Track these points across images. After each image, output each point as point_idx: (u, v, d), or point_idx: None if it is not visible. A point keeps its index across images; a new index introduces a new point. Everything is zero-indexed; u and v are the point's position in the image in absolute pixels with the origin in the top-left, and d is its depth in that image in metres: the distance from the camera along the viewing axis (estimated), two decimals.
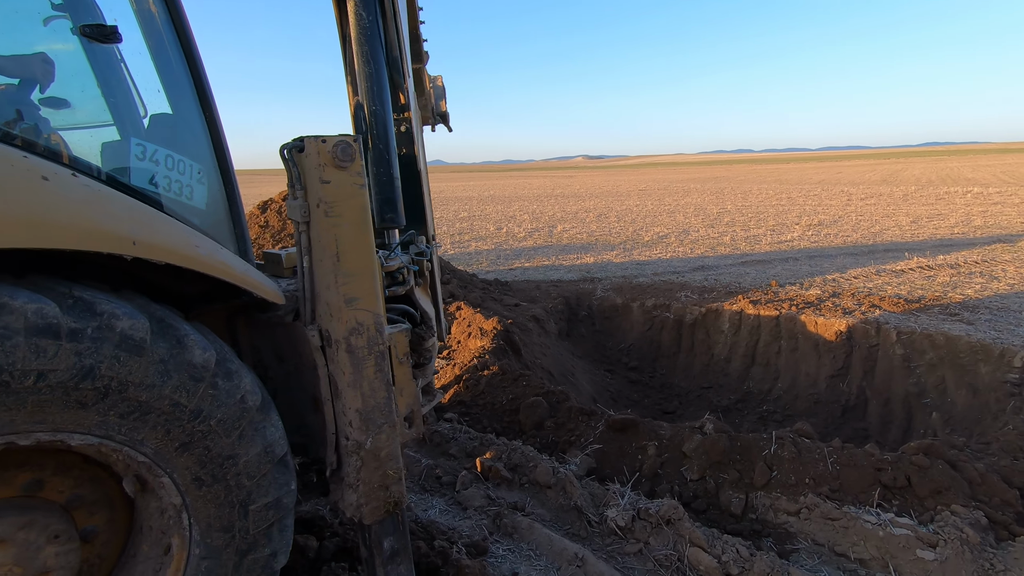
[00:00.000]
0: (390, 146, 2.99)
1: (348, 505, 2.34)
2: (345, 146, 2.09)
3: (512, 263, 12.87)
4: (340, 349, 2.20)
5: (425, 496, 3.74)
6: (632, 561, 2.99)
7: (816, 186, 34.79)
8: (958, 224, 15.57)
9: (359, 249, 2.21)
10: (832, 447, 3.42)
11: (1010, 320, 6.81)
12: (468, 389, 4.93)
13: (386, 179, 3.05)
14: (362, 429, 2.28)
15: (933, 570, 2.70)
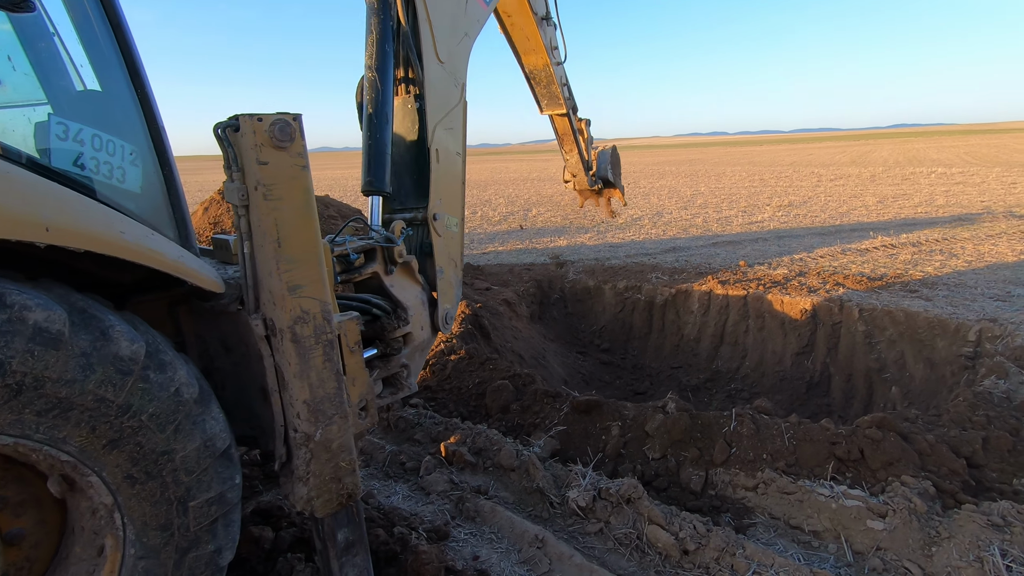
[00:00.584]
0: (383, 114, 3.07)
1: (298, 499, 2.30)
2: (283, 125, 2.00)
3: (486, 247, 12.79)
4: (285, 338, 2.13)
5: (389, 482, 3.71)
6: (593, 540, 3.02)
7: (788, 168, 35.28)
8: (921, 204, 15.96)
9: (302, 234, 2.13)
10: (789, 423, 3.48)
11: (966, 296, 7.02)
12: (435, 374, 4.90)
13: (372, 144, 3.04)
14: (311, 421, 2.23)
15: (882, 539, 2.77)
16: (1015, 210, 13.80)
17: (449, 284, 3.43)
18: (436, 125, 3.29)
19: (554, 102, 6.21)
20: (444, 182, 3.35)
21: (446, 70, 3.37)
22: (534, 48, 5.48)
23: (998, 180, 21.04)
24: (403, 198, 3.53)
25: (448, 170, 3.38)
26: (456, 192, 3.50)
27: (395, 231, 3.10)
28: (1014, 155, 35.97)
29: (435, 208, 3.30)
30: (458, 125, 3.48)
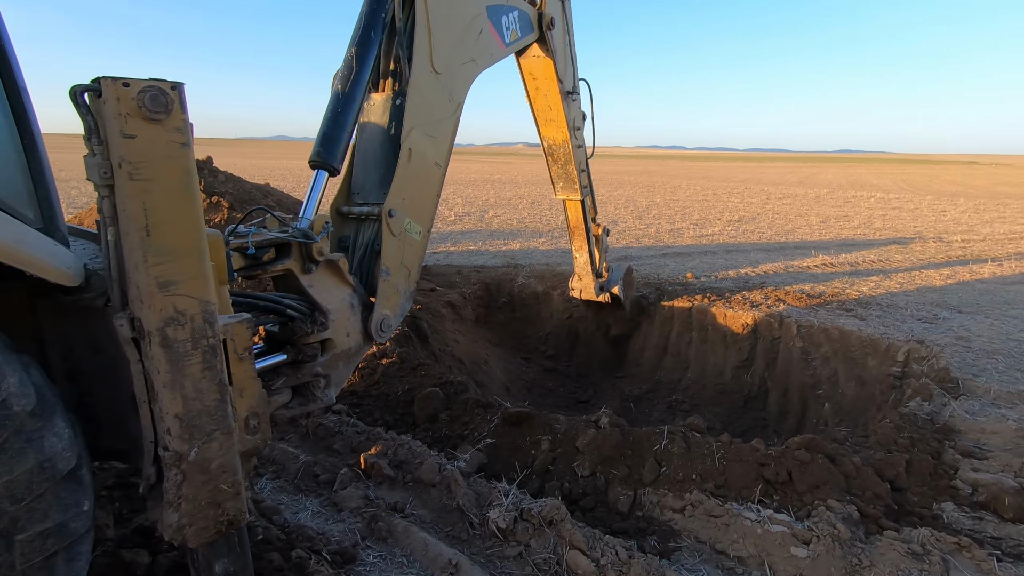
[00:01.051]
0: (352, 94, 2.97)
1: (168, 527, 2.00)
2: (156, 94, 1.72)
3: (437, 247, 12.49)
4: (153, 342, 1.84)
5: (299, 497, 3.41)
6: (511, 565, 2.82)
7: (740, 184, 36.43)
8: (860, 226, 16.67)
9: (179, 222, 1.85)
10: (720, 442, 3.40)
11: (897, 316, 7.25)
12: (363, 379, 4.61)
13: (332, 118, 2.93)
14: (183, 438, 1.94)
15: (805, 567, 2.70)
16: (944, 236, 14.58)
17: (394, 290, 3.19)
18: (415, 127, 3.18)
19: (569, 185, 5.90)
20: (413, 185, 3.21)
21: (440, 82, 3.33)
22: (554, 119, 5.35)
23: (930, 207, 22.30)
24: (367, 192, 3.33)
25: (420, 175, 3.25)
26: (426, 200, 3.35)
27: (315, 227, 2.83)
28: (944, 185, 38.39)
29: (393, 204, 3.11)
30: (444, 138, 3.40)
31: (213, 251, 2.10)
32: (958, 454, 3.74)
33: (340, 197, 3.34)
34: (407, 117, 3.13)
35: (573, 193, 5.89)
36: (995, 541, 3.00)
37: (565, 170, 5.70)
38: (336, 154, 2.99)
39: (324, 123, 2.97)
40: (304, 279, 2.79)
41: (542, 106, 5.22)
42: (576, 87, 5.40)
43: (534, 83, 5.09)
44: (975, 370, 5.34)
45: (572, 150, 5.50)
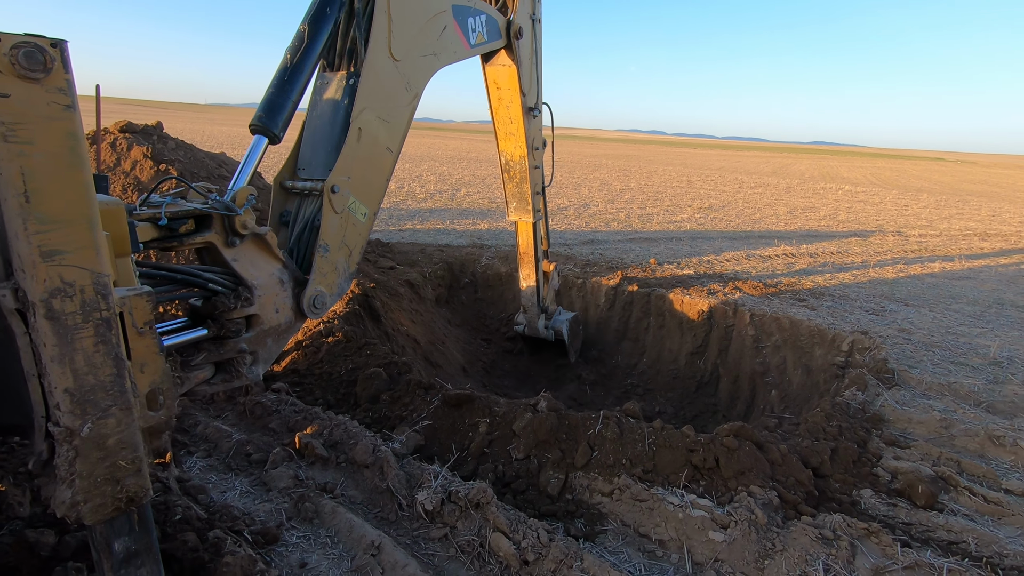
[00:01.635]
0: (300, 66, 2.91)
1: (61, 503, 1.92)
2: (32, 51, 1.60)
3: (404, 224, 12.32)
4: (38, 315, 1.75)
5: (228, 476, 3.35)
6: (435, 547, 2.83)
7: (715, 172, 36.76)
8: (826, 217, 17.01)
9: (64, 189, 1.73)
10: (653, 427, 3.45)
11: (846, 308, 7.44)
12: (306, 357, 4.53)
13: (277, 85, 2.85)
14: (75, 413, 1.86)
15: (721, 551, 2.77)
16: (903, 230, 14.98)
17: (332, 267, 3.13)
18: (367, 108, 3.13)
19: (523, 207, 5.76)
20: (361, 165, 3.15)
21: (399, 70, 3.30)
22: (514, 133, 5.27)
23: (894, 202, 22.86)
24: (313, 168, 3.27)
25: (370, 157, 3.20)
26: (374, 183, 3.28)
27: (237, 199, 2.73)
28: (910, 180, 39.38)
29: (337, 181, 3.05)
30: (398, 124, 3.35)
31: (111, 220, 2.01)
32: (883, 443, 3.87)
33: (285, 171, 3.26)
34: (359, 97, 3.09)
35: (526, 215, 5.81)
36: (906, 527, 3.12)
37: (520, 189, 5.63)
38: (278, 121, 2.91)
39: (268, 90, 2.90)
40: (227, 253, 2.69)
41: (503, 118, 5.17)
42: (539, 106, 5.38)
43: (497, 92, 5.02)
44: (912, 362, 5.52)
45: (528, 169, 5.46)
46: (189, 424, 3.84)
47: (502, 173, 5.56)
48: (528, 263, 6.24)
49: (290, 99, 2.93)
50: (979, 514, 3.26)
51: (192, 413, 3.95)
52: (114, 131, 6.70)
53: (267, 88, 2.93)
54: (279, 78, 2.90)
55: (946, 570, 2.61)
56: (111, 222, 1.99)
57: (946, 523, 3.09)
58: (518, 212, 5.81)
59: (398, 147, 3.41)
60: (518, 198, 5.67)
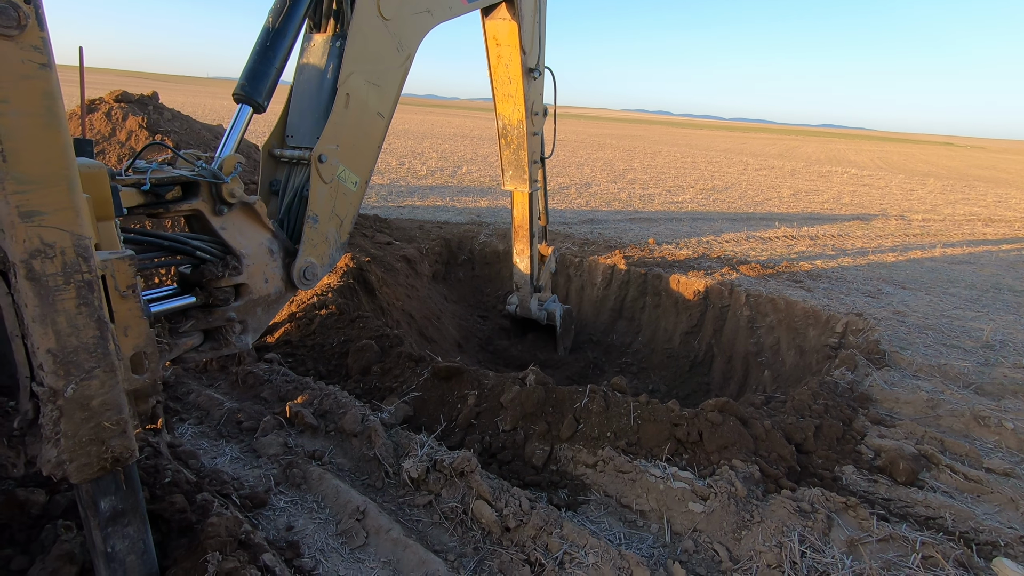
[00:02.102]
0: (283, 30, 2.80)
1: (47, 462, 1.97)
2: (4, 7, 1.57)
3: (403, 200, 12.28)
4: (19, 275, 1.76)
5: (219, 443, 3.41)
6: (419, 513, 2.88)
7: (720, 154, 36.38)
8: (829, 200, 16.87)
9: (42, 149, 1.74)
10: (638, 402, 3.48)
11: (843, 290, 7.43)
12: (299, 328, 4.56)
13: (260, 51, 2.78)
14: (59, 374, 1.89)
15: (699, 521, 2.82)
16: (906, 214, 14.87)
17: (322, 238, 3.11)
18: (354, 71, 3.03)
19: (519, 175, 5.46)
20: (350, 132, 3.08)
21: (388, 29, 3.17)
22: (512, 95, 5.02)
23: (899, 186, 22.65)
24: (301, 136, 3.20)
25: (360, 123, 3.13)
26: (364, 150, 3.22)
27: (225, 166, 2.72)
28: (918, 164, 38.94)
29: (325, 149, 2.99)
30: (389, 87, 3.25)
31: (92, 183, 2.01)
32: (868, 421, 3.90)
33: (273, 139, 3.21)
34: (346, 61, 2.99)
35: (522, 184, 5.53)
36: (885, 502, 3.16)
37: (517, 156, 5.38)
38: (261, 89, 2.85)
39: (251, 57, 2.81)
40: (215, 221, 2.69)
41: (502, 77, 4.95)
42: (540, 67, 5.15)
43: (497, 49, 4.84)
44: (904, 343, 5.53)
45: (526, 135, 5.23)
46: (182, 392, 3.88)
47: (499, 139, 5.35)
48: (523, 237, 5.98)
49: (273, 65, 2.83)
50: (958, 491, 3.30)
51: (185, 382, 4.00)
52: (109, 100, 6.65)
53: (249, 54, 2.86)
54: (261, 43, 2.82)
55: (919, 543, 2.66)
56: (92, 185, 2.00)
57: (924, 499, 3.14)
58: (514, 181, 5.56)
59: (390, 112, 3.32)
60: (515, 166, 5.44)
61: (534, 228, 5.95)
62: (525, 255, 6.11)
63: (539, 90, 5.30)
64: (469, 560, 2.59)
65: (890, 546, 2.67)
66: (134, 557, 2.25)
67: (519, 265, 6.27)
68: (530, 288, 6.33)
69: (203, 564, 2.25)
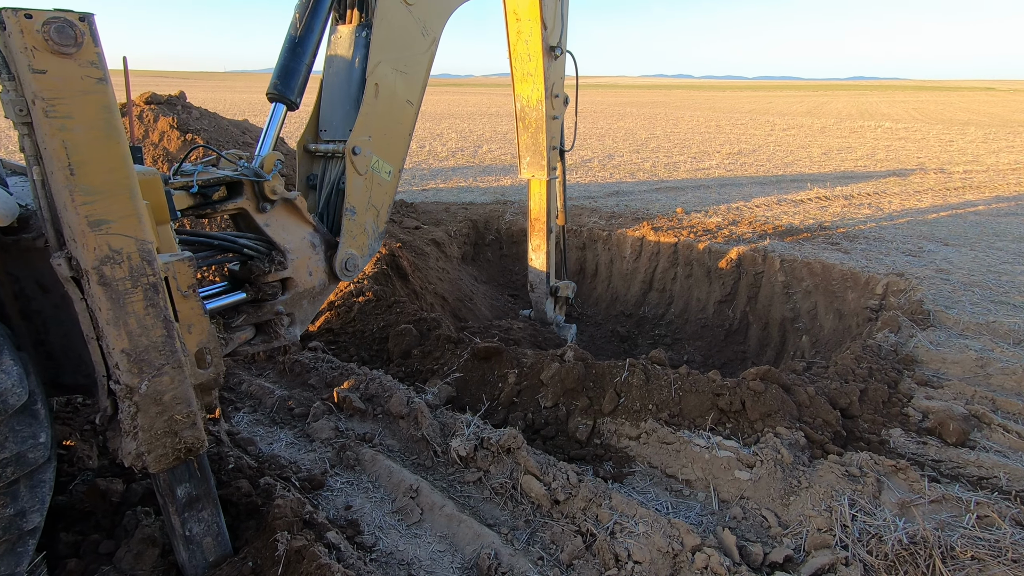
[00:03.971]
0: (309, 23, 2.84)
1: (127, 454, 2.11)
2: (62, 26, 1.66)
3: (426, 183, 12.32)
4: (92, 281, 1.88)
5: (273, 429, 3.57)
6: (470, 489, 2.99)
7: (745, 115, 35.28)
8: (863, 157, 16.28)
9: (104, 160, 1.83)
10: (679, 374, 3.50)
11: (882, 250, 7.23)
12: (339, 316, 4.69)
13: (290, 48, 2.84)
14: (133, 372, 2.01)
15: (746, 488, 2.85)
16: (946, 167, 14.26)
17: (360, 229, 3.19)
18: (381, 60, 3.06)
19: (537, 161, 5.16)
20: (381, 122, 3.12)
21: (412, 14, 3.18)
22: (532, 74, 4.83)
23: (937, 138, 21.66)
24: (334, 129, 3.27)
25: (389, 112, 3.16)
26: (396, 139, 3.26)
27: (265, 165, 2.80)
28: (957, 112, 37.08)
29: (358, 142, 3.05)
30: (416, 73, 3.26)
31: (149, 190, 2.10)
32: (915, 383, 3.85)
33: (307, 134, 3.27)
34: (373, 50, 3.01)
35: (540, 171, 5.22)
36: (935, 464, 3.14)
37: (535, 140, 5.12)
38: (293, 87, 2.91)
39: (281, 55, 2.88)
40: (259, 218, 2.78)
41: (521, 55, 4.79)
42: (562, 46, 4.97)
43: (517, 25, 4.68)
44: (949, 302, 5.38)
45: (546, 118, 5.01)
46: (234, 382, 4.06)
47: (516, 122, 5.18)
48: (539, 232, 5.53)
49: (303, 62, 2.90)
50: (1012, 450, 3.25)
51: (236, 372, 4.17)
52: (139, 103, 6.81)
53: (280, 52, 2.91)
54: (290, 41, 2.86)
55: (974, 503, 2.64)
56: (149, 191, 2.09)
57: (977, 459, 3.10)
58: (532, 167, 5.28)
59: (418, 99, 3.33)
60: (532, 151, 5.22)
61: (551, 222, 5.56)
62: (541, 251, 5.63)
63: (560, 71, 5.14)
64: (522, 532, 2.68)
65: (943, 507, 2.66)
66: (210, 539, 2.41)
67: (534, 263, 5.72)
68: (546, 288, 5.80)
69: (273, 543, 2.39)
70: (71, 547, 2.49)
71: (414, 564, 2.53)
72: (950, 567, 2.28)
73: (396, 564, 2.53)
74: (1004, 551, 2.33)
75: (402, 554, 2.58)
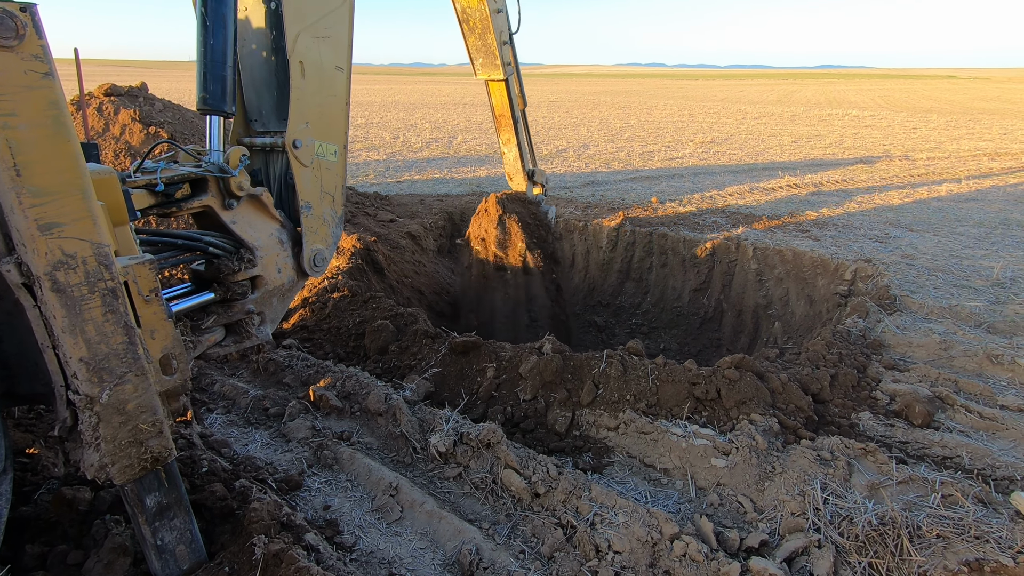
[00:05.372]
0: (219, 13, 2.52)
1: (89, 466, 2.03)
2: (1, 18, 1.56)
3: (401, 175, 12.17)
4: (44, 287, 1.79)
5: (248, 430, 3.49)
6: (451, 485, 2.97)
7: (718, 104, 35.64)
8: (831, 145, 16.61)
9: (53, 159, 1.74)
10: (655, 364, 3.53)
11: (850, 236, 7.40)
12: (314, 313, 4.61)
13: (205, 51, 2.53)
14: (92, 381, 1.94)
15: (723, 475, 2.90)
16: (911, 154, 14.64)
17: (320, 221, 3.06)
18: (301, 32, 2.76)
19: (490, 62, 5.07)
20: (315, 103, 2.89)
21: None
22: None
23: (902, 125, 22.22)
24: (266, 118, 3.06)
25: (321, 88, 2.90)
26: (334, 115, 3.02)
27: (231, 160, 2.70)
28: (920, 100, 38.07)
29: (297, 133, 2.82)
30: (339, 34, 2.94)
31: (105, 189, 2.01)
32: (882, 367, 3.95)
33: (238, 126, 2.99)
34: (288, 23, 2.69)
35: (495, 71, 5.14)
36: (902, 445, 3.24)
37: (484, 41, 4.99)
38: (225, 94, 2.61)
39: (199, 58, 2.56)
40: (225, 215, 2.69)
41: None
42: None
43: None
44: (914, 287, 5.54)
45: (489, 14, 4.79)
46: (206, 383, 3.96)
47: (460, 26, 4.96)
48: (506, 126, 5.73)
49: (223, 61, 2.59)
50: (974, 430, 3.36)
51: (208, 372, 4.07)
52: (98, 95, 6.54)
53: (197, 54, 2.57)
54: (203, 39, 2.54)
55: (938, 483, 2.73)
56: (105, 191, 2.00)
57: (941, 440, 3.20)
58: (486, 69, 5.19)
59: (348, 61, 3.00)
60: (483, 52, 5.08)
61: (515, 113, 5.71)
62: (512, 143, 5.87)
63: None
64: (503, 527, 2.68)
65: (910, 487, 2.74)
66: (183, 547, 2.35)
67: (508, 155, 6.07)
68: (524, 175, 6.16)
69: (250, 547, 2.34)
70: (37, 559, 2.41)
71: (395, 562, 2.51)
72: (917, 545, 2.36)
73: (377, 563, 2.51)
74: (967, 529, 2.42)
75: (383, 553, 2.56)
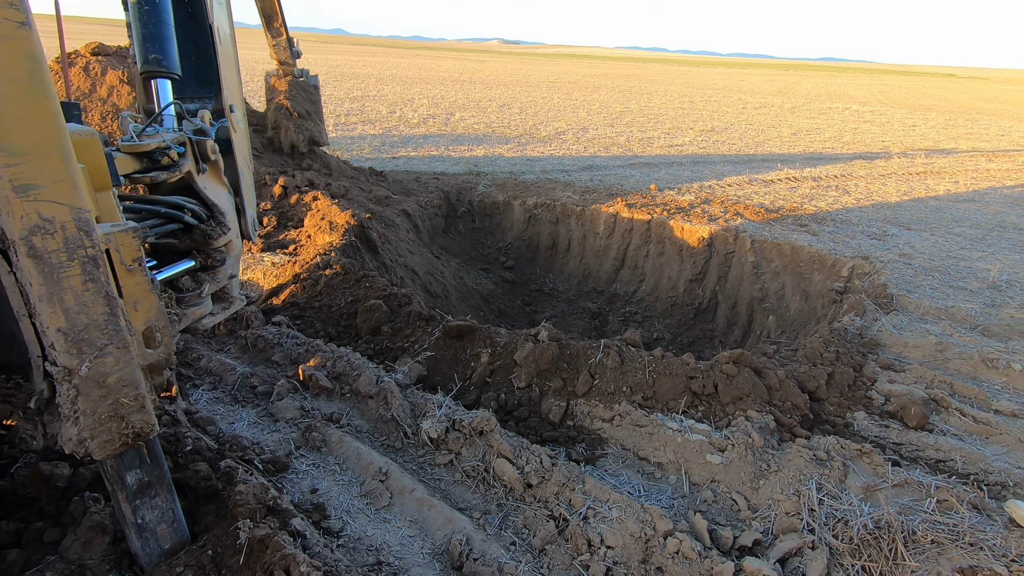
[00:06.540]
0: None
1: (67, 440, 1.94)
2: None
3: (397, 151, 11.93)
4: (20, 253, 1.67)
5: (235, 408, 3.41)
6: (441, 472, 2.92)
7: (718, 92, 35.35)
8: (830, 139, 16.53)
9: (30, 117, 1.61)
10: (653, 356, 3.48)
11: (848, 232, 7.36)
12: (305, 290, 4.49)
13: (149, 9, 2.42)
14: (71, 352, 1.83)
15: (717, 472, 2.86)
16: (909, 152, 14.61)
17: (249, 187, 3.06)
18: None
19: None
20: (229, 67, 2.86)
21: None
22: None
23: (901, 122, 22.17)
24: (181, 86, 2.87)
25: (228, 52, 2.86)
26: (236, 76, 3.01)
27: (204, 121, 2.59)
28: (920, 98, 38.01)
29: (230, 99, 2.79)
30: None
31: (85, 151, 1.89)
32: (878, 367, 3.93)
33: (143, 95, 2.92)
34: None
35: None
36: (896, 447, 3.22)
37: None
38: (168, 55, 2.47)
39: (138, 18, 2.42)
40: (200, 180, 2.58)
41: None
42: None
43: None
44: (911, 286, 5.52)
45: None
46: (192, 358, 3.85)
47: None
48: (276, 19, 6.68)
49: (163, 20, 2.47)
50: (968, 434, 3.36)
51: (194, 347, 3.96)
52: (85, 54, 6.27)
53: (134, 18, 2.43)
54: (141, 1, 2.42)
55: (934, 487, 2.72)
56: (86, 153, 1.88)
57: (935, 443, 3.19)
58: None
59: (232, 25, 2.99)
60: None
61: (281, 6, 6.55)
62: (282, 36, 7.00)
63: None
64: (494, 517, 2.64)
65: (905, 491, 2.72)
66: (164, 526, 2.28)
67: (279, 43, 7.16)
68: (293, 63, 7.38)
69: (234, 531, 2.27)
70: (12, 536, 2.32)
71: (383, 550, 2.46)
72: (911, 551, 2.34)
73: (364, 550, 2.46)
74: (962, 535, 2.40)
75: (371, 539, 2.50)
